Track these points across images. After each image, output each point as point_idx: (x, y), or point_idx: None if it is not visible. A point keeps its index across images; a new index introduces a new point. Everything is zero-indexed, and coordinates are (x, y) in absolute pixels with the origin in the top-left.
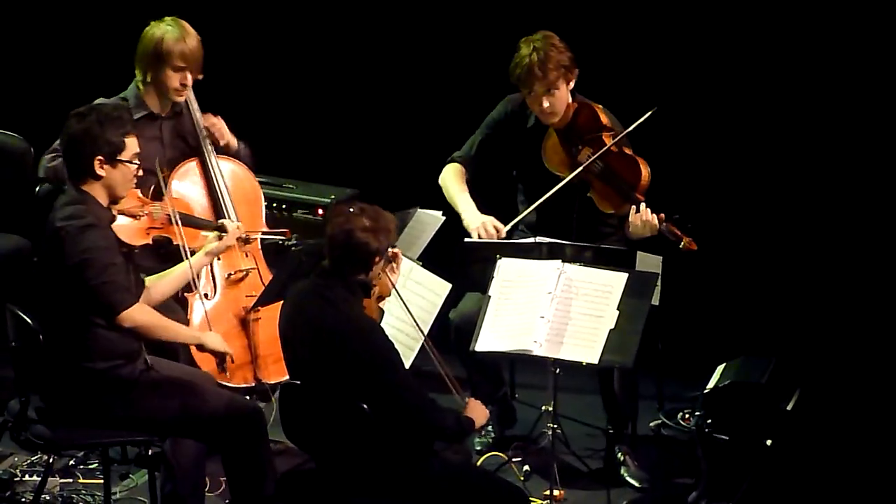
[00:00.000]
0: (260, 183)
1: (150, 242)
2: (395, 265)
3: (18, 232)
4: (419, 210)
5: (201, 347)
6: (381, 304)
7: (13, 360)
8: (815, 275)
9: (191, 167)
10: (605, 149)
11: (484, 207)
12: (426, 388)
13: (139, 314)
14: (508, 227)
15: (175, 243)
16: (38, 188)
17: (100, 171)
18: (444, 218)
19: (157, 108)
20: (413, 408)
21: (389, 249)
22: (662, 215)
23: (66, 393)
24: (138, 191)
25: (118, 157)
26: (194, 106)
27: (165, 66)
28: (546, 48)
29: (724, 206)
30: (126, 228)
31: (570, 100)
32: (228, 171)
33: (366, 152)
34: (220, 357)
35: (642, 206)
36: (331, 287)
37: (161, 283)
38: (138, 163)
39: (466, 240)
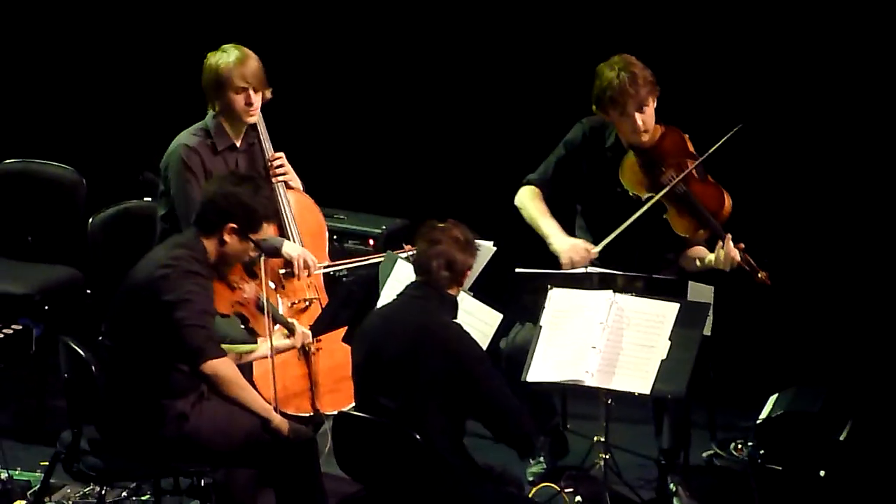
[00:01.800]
0: None
1: (230, 315)
2: None
3: (70, 263)
4: None
5: (267, 424)
6: None
7: (66, 392)
8: (869, 304)
9: None
10: (689, 170)
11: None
12: None
13: (222, 366)
14: (599, 247)
15: (250, 325)
16: (90, 219)
17: (226, 238)
18: (495, 248)
19: (234, 136)
20: (508, 412)
21: None
22: (742, 245)
23: (125, 425)
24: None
25: (249, 234)
26: (264, 134)
27: (228, 90)
28: (630, 67)
29: (776, 235)
30: (216, 294)
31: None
32: (295, 202)
33: (416, 182)
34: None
35: (728, 239)
36: (428, 298)
37: (233, 356)
38: (260, 251)
39: (518, 269)
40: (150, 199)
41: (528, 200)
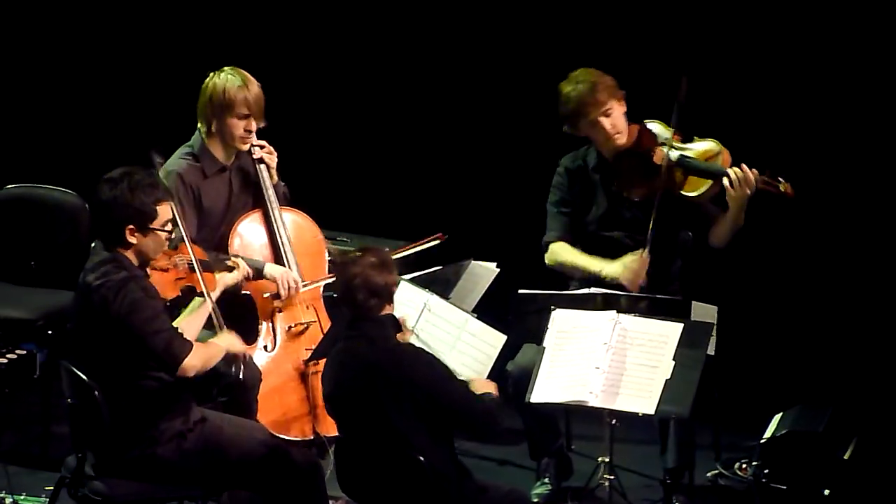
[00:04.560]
0: None
1: (179, 293)
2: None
3: (73, 288)
4: (473, 262)
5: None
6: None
7: (70, 417)
8: (873, 323)
9: (254, 218)
10: (672, 134)
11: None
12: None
13: (195, 359)
14: (645, 252)
15: (199, 290)
16: (92, 244)
17: (131, 239)
18: (497, 270)
19: (223, 158)
20: (479, 413)
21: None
22: (755, 171)
23: (122, 449)
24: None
25: (150, 226)
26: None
27: (230, 114)
28: (587, 77)
29: (780, 254)
30: (157, 283)
31: (628, 124)
32: (291, 223)
33: (420, 205)
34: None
35: (735, 169)
36: (364, 330)
37: (187, 325)
38: (170, 229)
39: (521, 291)
40: None
41: (563, 252)
